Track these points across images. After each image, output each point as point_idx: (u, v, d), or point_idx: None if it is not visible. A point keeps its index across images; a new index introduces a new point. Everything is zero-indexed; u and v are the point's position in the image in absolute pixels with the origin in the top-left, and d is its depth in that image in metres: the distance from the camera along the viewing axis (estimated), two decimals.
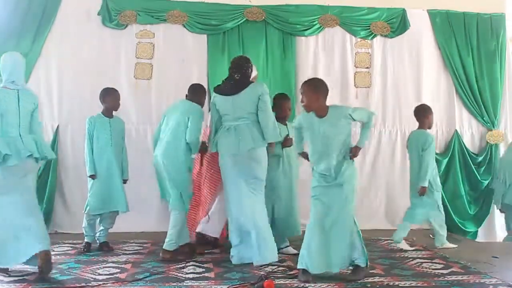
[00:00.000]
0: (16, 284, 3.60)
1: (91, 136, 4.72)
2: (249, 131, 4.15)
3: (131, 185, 5.65)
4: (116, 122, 4.84)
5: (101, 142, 4.72)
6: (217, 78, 5.87)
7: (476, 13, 6.31)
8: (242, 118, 4.19)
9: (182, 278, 3.79)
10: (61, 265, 4.15)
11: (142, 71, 5.84)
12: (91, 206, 4.68)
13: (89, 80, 5.65)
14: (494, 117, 6.24)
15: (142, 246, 4.95)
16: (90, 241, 4.76)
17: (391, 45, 6.23)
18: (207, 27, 5.91)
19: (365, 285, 3.65)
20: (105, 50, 5.78)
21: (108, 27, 5.77)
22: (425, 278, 3.82)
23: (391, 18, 6.20)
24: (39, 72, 5.63)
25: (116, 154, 4.77)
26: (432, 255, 4.63)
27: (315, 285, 3.64)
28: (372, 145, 6.12)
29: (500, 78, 6.28)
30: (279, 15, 6.02)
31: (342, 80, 6.11)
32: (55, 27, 5.66)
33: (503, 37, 6.32)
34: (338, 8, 6.13)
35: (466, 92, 6.23)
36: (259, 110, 4.15)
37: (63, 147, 5.64)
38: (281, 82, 5.97)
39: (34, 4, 5.59)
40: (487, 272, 3.99)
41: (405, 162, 6.14)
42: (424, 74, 6.24)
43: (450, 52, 6.25)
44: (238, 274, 3.91)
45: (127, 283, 3.67)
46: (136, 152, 5.73)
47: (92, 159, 4.71)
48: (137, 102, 5.81)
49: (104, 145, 4.71)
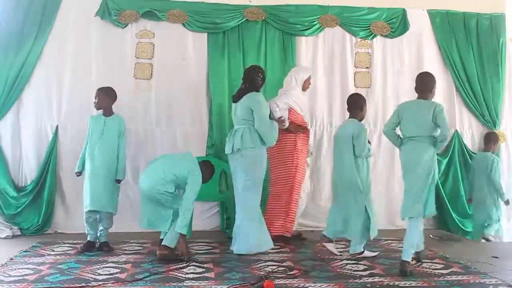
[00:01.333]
0: (16, 284, 3.60)
1: (88, 134, 4.78)
2: (241, 134, 4.63)
3: (131, 185, 5.69)
4: (111, 121, 4.79)
5: (92, 141, 4.75)
6: (217, 78, 5.90)
7: (476, 13, 6.31)
8: (240, 123, 4.72)
9: (182, 278, 3.79)
10: (61, 265, 4.15)
11: (142, 71, 5.84)
12: (84, 204, 4.71)
13: (89, 80, 5.65)
14: (496, 117, 6.24)
15: (142, 246, 4.95)
16: (92, 239, 4.75)
17: (391, 45, 6.23)
18: (207, 26, 5.90)
19: (365, 285, 3.65)
20: (105, 50, 5.76)
21: (108, 27, 5.77)
22: (425, 278, 3.82)
23: (391, 18, 6.20)
24: (39, 72, 5.62)
25: (106, 153, 4.69)
26: (432, 255, 4.63)
27: (315, 285, 3.64)
28: (372, 146, 6.11)
29: (500, 78, 6.28)
30: (279, 15, 6.02)
31: (342, 80, 6.11)
32: (55, 27, 5.65)
33: (503, 37, 6.32)
34: (338, 8, 6.12)
35: (467, 91, 6.24)
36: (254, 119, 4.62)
37: (63, 147, 5.63)
38: (281, 82, 5.95)
39: (35, 4, 5.58)
40: (487, 272, 3.99)
41: None
42: None
43: (450, 52, 6.25)
44: (238, 274, 3.91)
45: (127, 283, 3.67)
46: (135, 152, 5.75)
47: (82, 157, 4.78)
48: (137, 102, 5.80)
49: (94, 144, 4.73)
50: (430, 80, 4.30)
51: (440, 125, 4.10)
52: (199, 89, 5.91)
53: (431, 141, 4.15)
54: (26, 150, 5.62)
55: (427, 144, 4.13)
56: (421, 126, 4.15)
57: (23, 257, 4.44)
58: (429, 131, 4.15)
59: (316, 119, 6.08)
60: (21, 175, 5.63)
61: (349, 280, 3.78)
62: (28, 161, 5.62)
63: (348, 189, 4.57)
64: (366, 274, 3.94)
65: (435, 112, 4.10)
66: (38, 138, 5.63)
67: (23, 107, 5.63)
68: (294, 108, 5.16)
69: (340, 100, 6.10)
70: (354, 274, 3.95)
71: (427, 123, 4.13)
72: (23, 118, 5.62)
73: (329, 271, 4.04)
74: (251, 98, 4.66)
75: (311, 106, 6.02)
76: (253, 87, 4.73)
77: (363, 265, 4.24)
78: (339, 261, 4.36)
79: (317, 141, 6.05)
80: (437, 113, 4.10)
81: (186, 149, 5.77)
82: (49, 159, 5.56)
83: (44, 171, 5.55)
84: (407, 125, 4.26)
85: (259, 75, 4.77)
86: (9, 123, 5.59)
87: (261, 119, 4.61)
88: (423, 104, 4.20)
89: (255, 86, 4.74)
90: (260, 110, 4.62)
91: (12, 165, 5.61)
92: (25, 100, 5.62)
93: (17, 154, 5.62)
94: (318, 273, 3.96)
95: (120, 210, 5.55)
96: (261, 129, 4.61)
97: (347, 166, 4.56)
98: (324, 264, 4.26)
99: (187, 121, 5.87)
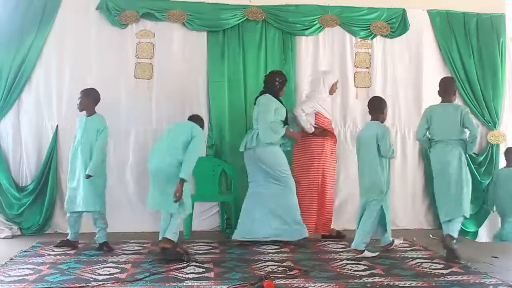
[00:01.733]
0: (16, 284, 3.60)
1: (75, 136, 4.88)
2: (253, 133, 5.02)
3: (131, 185, 5.70)
4: (91, 121, 4.79)
5: (75, 142, 4.83)
6: (217, 78, 5.89)
7: (476, 13, 6.30)
8: (254, 124, 5.10)
9: (182, 278, 3.79)
10: (61, 265, 4.15)
11: (142, 71, 5.84)
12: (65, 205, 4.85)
13: (89, 80, 5.64)
14: (496, 117, 6.24)
15: (142, 246, 4.95)
16: (71, 239, 4.80)
17: (391, 45, 6.22)
18: (207, 26, 5.90)
19: (365, 285, 3.65)
20: (105, 50, 5.76)
21: (108, 27, 5.76)
22: (425, 278, 3.82)
23: (391, 18, 6.20)
24: (39, 73, 5.63)
25: (85, 154, 4.69)
26: (432, 255, 4.63)
27: (315, 285, 3.65)
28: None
29: (500, 78, 6.27)
30: (279, 15, 6.01)
31: (342, 80, 6.09)
32: (55, 28, 5.64)
33: (503, 37, 6.32)
34: (338, 8, 6.12)
35: (467, 91, 6.23)
36: None
37: (63, 147, 5.62)
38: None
39: (34, 5, 5.58)
40: (487, 272, 3.99)
41: (404, 162, 6.16)
42: (424, 74, 6.24)
43: (450, 52, 6.24)
44: (238, 274, 3.91)
45: (127, 283, 3.67)
46: (134, 152, 5.75)
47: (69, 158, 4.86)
48: (137, 102, 5.80)
49: (77, 145, 4.77)
50: (453, 83, 4.69)
51: (469, 126, 4.45)
52: (199, 89, 5.91)
53: (460, 143, 4.45)
54: (26, 150, 5.62)
55: (456, 146, 4.43)
56: (450, 129, 4.46)
57: (23, 257, 4.45)
58: (458, 134, 4.46)
59: None
60: (22, 175, 5.64)
61: (349, 280, 3.78)
62: (29, 161, 5.62)
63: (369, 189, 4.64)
64: (366, 274, 3.94)
65: (462, 114, 4.44)
66: (38, 138, 5.64)
67: (24, 107, 5.63)
68: (321, 112, 5.29)
69: (340, 100, 6.10)
70: (354, 274, 3.95)
71: (455, 126, 4.45)
72: (23, 118, 5.63)
73: (329, 271, 4.04)
74: (258, 101, 5.06)
75: None
76: (269, 91, 5.06)
77: (363, 265, 4.24)
78: (339, 261, 4.36)
79: None
80: (464, 116, 4.45)
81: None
82: (49, 159, 5.57)
83: (44, 171, 5.56)
84: (436, 128, 4.56)
85: (276, 79, 5.10)
86: (9, 123, 5.60)
87: (261, 120, 4.97)
88: (449, 107, 4.52)
89: (272, 90, 5.07)
90: (262, 111, 4.98)
91: (13, 165, 5.61)
92: (25, 100, 5.63)
93: (18, 154, 5.63)
94: (318, 273, 3.96)
95: (120, 210, 5.59)
96: (260, 129, 4.96)
97: (372, 167, 4.63)
98: (324, 264, 4.26)
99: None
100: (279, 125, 4.97)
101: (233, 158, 5.79)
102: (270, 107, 4.96)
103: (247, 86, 5.93)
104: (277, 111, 4.97)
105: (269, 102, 4.99)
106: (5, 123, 5.59)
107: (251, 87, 5.89)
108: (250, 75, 5.94)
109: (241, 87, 5.92)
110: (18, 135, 5.62)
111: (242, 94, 5.92)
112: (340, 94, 6.07)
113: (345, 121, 6.12)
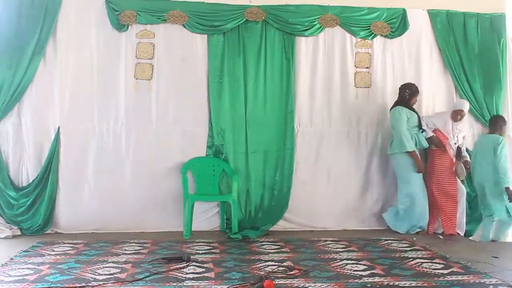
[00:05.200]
0: (16, 284, 3.61)
1: None
2: (391, 141, 5.83)
3: (131, 185, 5.69)
4: None
5: None
6: (217, 78, 5.89)
7: (476, 13, 6.30)
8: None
9: (182, 278, 3.79)
10: (61, 265, 4.15)
11: (142, 71, 5.83)
12: None
13: (90, 81, 5.65)
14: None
15: (142, 246, 4.94)
16: None
17: (391, 45, 6.21)
18: (207, 27, 5.90)
19: (365, 285, 3.65)
20: (106, 50, 5.75)
21: (109, 27, 5.75)
22: (425, 278, 3.82)
23: (391, 18, 6.19)
24: (40, 74, 5.61)
25: None
26: (432, 255, 4.63)
27: (315, 285, 3.65)
28: (371, 146, 6.12)
29: (501, 78, 6.27)
30: (279, 15, 6.01)
31: (342, 80, 6.10)
32: (56, 29, 5.63)
33: (503, 37, 6.31)
34: (338, 8, 6.12)
35: (466, 92, 6.23)
36: None
37: (64, 147, 5.62)
38: (280, 82, 5.97)
39: (35, 8, 5.56)
40: (487, 272, 3.99)
41: None
42: (424, 74, 6.24)
43: (450, 52, 6.24)
44: (238, 274, 3.91)
45: (127, 283, 3.67)
46: (135, 152, 5.75)
47: None
48: (137, 102, 5.80)
49: None
50: None
51: None
52: (199, 89, 5.90)
53: None
54: (27, 151, 5.60)
55: None
56: None
57: (23, 257, 4.44)
58: None
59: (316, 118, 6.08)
60: (22, 176, 5.62)
61: (349, 280, 3.78)
62: (29, 161, 5.60)
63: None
64: (366, 274, 3.94)
65: None
66: (40, 139, 5.61)
67: (25, 108, 5.60)
68: (440, 131, 5.86)
69: (340, 100, 6.10)
70: (354, 274, 3.95)
71: None
72: (25, 120, 5.60)
73: (329, 271, 4.04)
74: (391, 114, 5.84)
75: (310, 106, 6.03)
76: (398, 101, 5.79)
77: (363, 265, 4.24)
78: (339, 261, 4.36)
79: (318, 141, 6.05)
80: None
81: (186, 149, 5.80)
82: (51, 160, 5.55)
83: (45, 172, 5.54)
84: None
85: (406, 91, 5.77)
86: (11, 124, 5.58)
87: (393, 130, 5.78)
88: None
89: (401, 101, 5.78)
90: (393, 124, 5.76)
91: (13, 165, 5.60)
92: (27, 101, 5.59)
93: (18, 155, 5.61)
94: (318, 273, 3.96)
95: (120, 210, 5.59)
96: (395, 138, 5.75)
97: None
98: (324, 264, 4.27)
99: (187, 121, 5.86)
100: (411, 138, 5.64)
101: (233, 158, 5.79)
102: (401, 119, 5.64)
103: (247, 86, 5.92)
104: (409, 120, 5.67)
105: (399, 114, 5.65)
106: (7, 124, 5.57)
107: (251, 87, 5.89)
108: (250, 75, 5.92)
109: (241, 87, 5.90)
110: (19, 136, 5.59)
111: (242, 94, 5.90)
112: (340, 94, 6.07)
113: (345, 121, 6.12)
